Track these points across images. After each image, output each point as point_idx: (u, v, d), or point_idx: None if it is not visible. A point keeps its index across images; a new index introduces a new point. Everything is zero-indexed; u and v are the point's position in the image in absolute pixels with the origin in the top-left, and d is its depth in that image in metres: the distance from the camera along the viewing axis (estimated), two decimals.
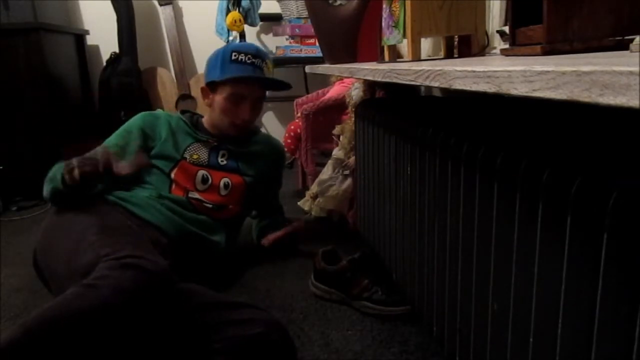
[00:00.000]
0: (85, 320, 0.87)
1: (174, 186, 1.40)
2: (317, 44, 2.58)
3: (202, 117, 1.55)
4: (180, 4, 3.23)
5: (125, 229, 1.15)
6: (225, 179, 1.46)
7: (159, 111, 1.50)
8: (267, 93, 1.51)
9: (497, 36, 1.17)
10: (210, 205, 1.42)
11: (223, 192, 1.45)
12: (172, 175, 1.40)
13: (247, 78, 1.41)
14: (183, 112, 1.54)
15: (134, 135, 1.41)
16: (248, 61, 1.41)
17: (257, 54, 1.43)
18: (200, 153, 1.45)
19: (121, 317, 0.90)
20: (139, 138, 1.41)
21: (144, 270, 0.92)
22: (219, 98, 1.44)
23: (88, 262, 1.00)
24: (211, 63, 1.46)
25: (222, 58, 1.43)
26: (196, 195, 1.40)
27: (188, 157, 1.42)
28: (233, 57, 1.42)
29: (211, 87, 1.46)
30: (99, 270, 0.92)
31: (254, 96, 1.43)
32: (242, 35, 3.00)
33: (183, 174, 1.40)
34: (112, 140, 1.41)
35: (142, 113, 1.48)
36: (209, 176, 1.44)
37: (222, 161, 1.48)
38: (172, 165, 1.40)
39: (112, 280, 0.90)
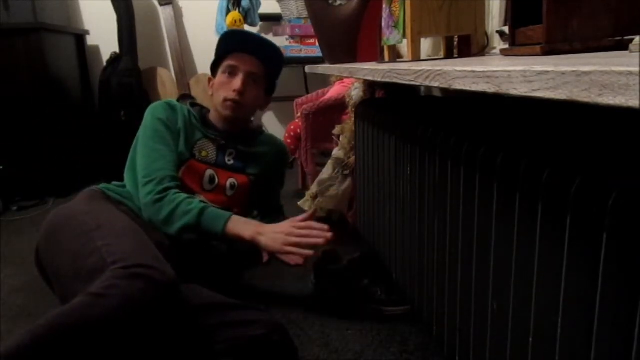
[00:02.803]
0: (93, 329, 0.87)
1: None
2: (317, 44, 2.58)
3: (209, 111, 1.54)
4: (180, 4, 3.24)
5: (131, 232, 1.14)
6: (232, 180, 1.45)
7: (173, 102, 1.45)
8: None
9: (497, 36, 1.17)
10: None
11: (229, 193, 1.44)
12: (180, 175, 1.38)
13: (231, 33, 1.45)
14: (193, 105, 1.52)
15: (166, 133, 1.37)
16: (239, 33, 1.48)
17: (251, 33, 1.49)
18: (209, 150, 1.43)
19: (129, 327, 0.90)
20: (169, 132, 1.38)
21: (153, 281, 0.92)
22: (216, 79, 1.45)
23: (94, 266, 0.99)
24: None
25: (219, 42, 1.46)
26: (202, 197, 1.39)
27: (197, 154, 1.41)
28: (228, 37, 1.46)
29: (213, 74, 1.48)
30: (108, 279, 0.92)
31: (246, 68, 1.40)
32: None
33: (191, 175, 1.39)
34: (151, 145, 1.34)
35: (159, 105, 1.41)
36: (216, 176, 1.43)
37: (229, 160, 1.46)
38: (181, 164, 1.38)
39: (121, 291, 0.89)
